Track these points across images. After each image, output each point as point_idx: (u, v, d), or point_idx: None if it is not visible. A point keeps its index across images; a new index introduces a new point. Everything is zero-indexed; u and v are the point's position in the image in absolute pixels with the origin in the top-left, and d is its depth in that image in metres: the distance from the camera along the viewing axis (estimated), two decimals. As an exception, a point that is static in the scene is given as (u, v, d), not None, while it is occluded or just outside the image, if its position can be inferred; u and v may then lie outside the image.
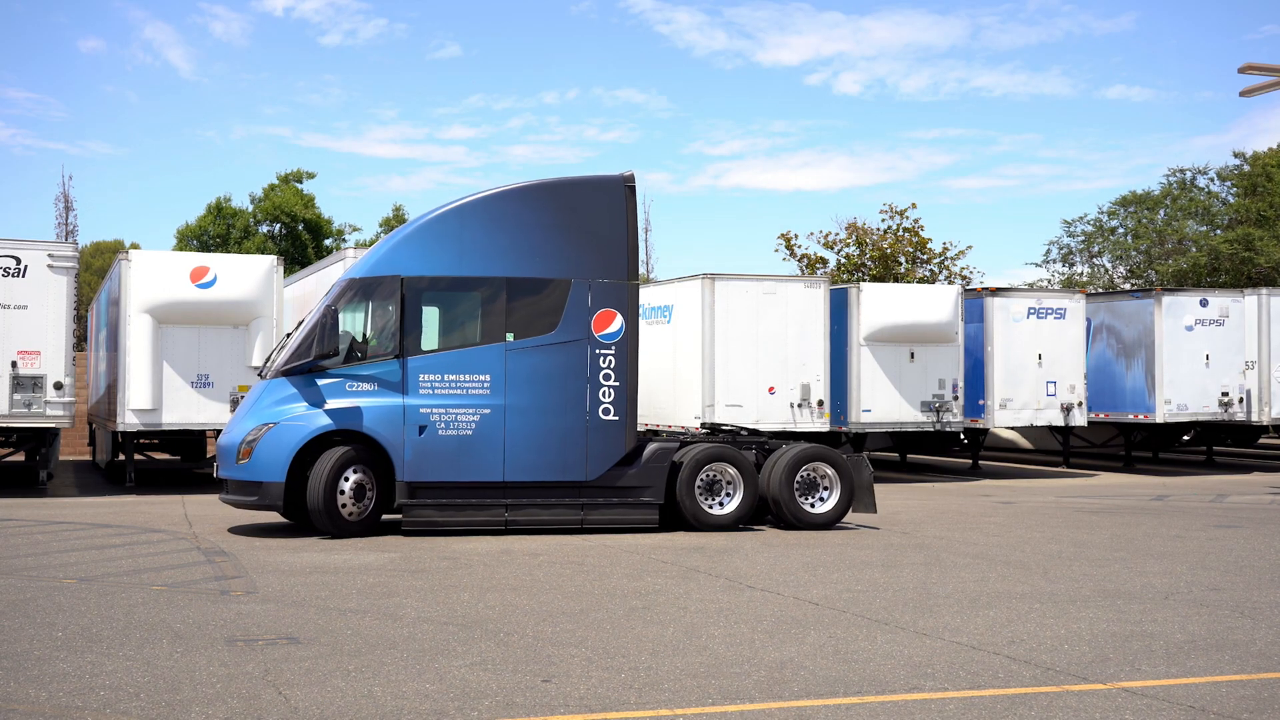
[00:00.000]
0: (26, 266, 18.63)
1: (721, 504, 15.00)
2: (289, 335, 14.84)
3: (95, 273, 52.84)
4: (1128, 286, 49.03)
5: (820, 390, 22.19)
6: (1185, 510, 18.07)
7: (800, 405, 22.03)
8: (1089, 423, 25.88)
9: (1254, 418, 26.43)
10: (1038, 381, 24.81)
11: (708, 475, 14.95)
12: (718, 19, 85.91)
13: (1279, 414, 26.68)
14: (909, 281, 39.30)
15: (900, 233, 41.38)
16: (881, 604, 9.99)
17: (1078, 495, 20.76)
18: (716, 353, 21.72)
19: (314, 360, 13.93)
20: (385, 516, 14.35)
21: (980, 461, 27.16)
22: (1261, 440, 33.25)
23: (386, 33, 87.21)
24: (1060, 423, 25.23)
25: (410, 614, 9.36)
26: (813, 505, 15.19)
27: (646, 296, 24.18)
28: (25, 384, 18.50)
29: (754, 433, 16.67)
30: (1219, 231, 47.13)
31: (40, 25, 78.79)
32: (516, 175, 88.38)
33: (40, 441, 19.85)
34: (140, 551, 12.75)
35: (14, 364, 18.44)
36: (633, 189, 14.70)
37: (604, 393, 14.44)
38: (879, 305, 23.19)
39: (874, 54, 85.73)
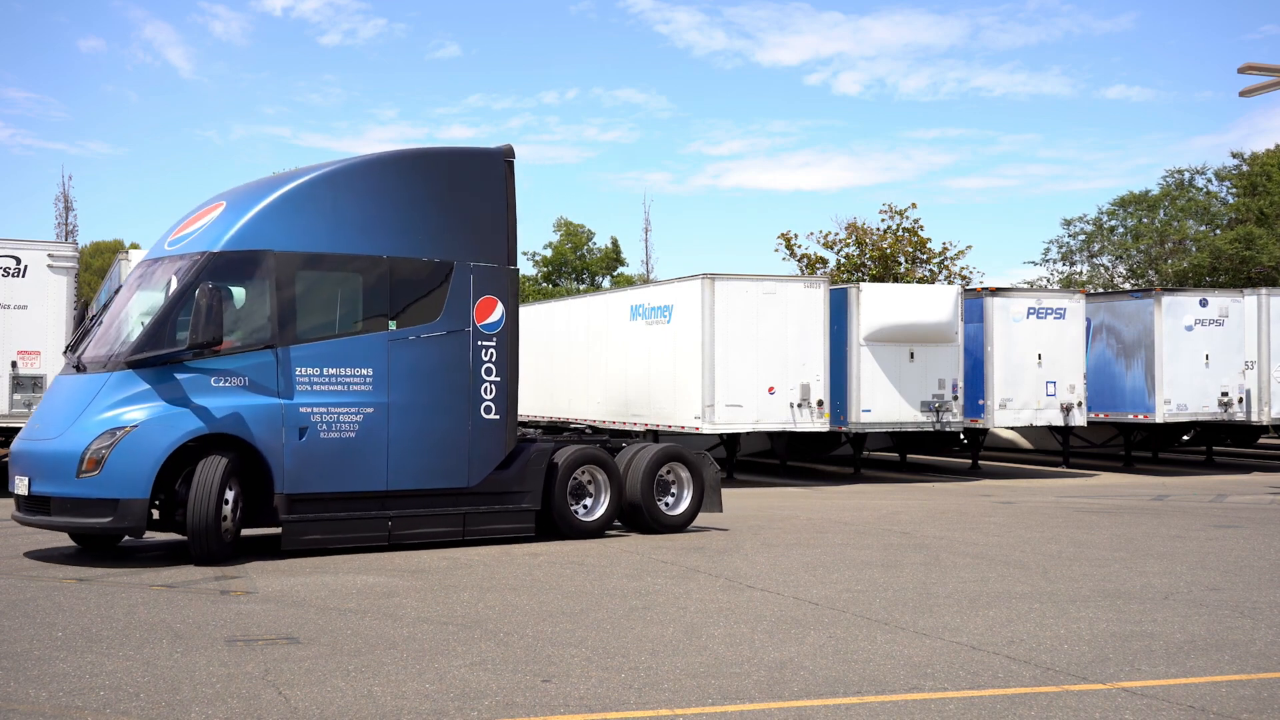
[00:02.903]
0: (26, 266, 18.66)
1: (587, 508, 14.10)
2: (97, 320, 12.71)
3: (95, 273, 52.87)
4: (1128, 286, 49.03)
5: (820, 390, 22.20)
6: (1185, 510, 18.07)
7: (800, 405, 22.05)
8: (1089, 423, 25.90)
9: (1254, 418, 26.45)
10: (1037, 381, 24.82)
11: (578, 478, 14.04)
12: (717, 19, 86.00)
13: (1279, 414, 26.71)
14: (909, 281, 39.31)
15: (900, 233, 41.38)
16: (881, 604, 9.99)
17: (1078, 495, 20.76)
18: (716, 353, 21.73)
19: (177, 350, 11.66)
20: (246, 532, 12.65)
21: (980, 461, 27.17)
22: (1261, 440, 33.32)
23: (386, 32, 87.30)
24: (1060, 423, 25.24)
25: (410, 614, 9.36)
26: (667, 506, 14.63)
27: (646, 296, 24.21)
28: (25, 384, 18.52)
29: (596, 430, 15.85)
30: (1219, 231, 47.13)
31: (40, 25, 78.86)
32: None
33: (40, 441, 19.86)
34: (140, 552, 12.75)
35: (14, 364, 18.46)
36: (511, 164, 13.49)
37: (485, 389, 13.19)
38: (879, 305, 23.20)
39: (874, 54, 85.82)
